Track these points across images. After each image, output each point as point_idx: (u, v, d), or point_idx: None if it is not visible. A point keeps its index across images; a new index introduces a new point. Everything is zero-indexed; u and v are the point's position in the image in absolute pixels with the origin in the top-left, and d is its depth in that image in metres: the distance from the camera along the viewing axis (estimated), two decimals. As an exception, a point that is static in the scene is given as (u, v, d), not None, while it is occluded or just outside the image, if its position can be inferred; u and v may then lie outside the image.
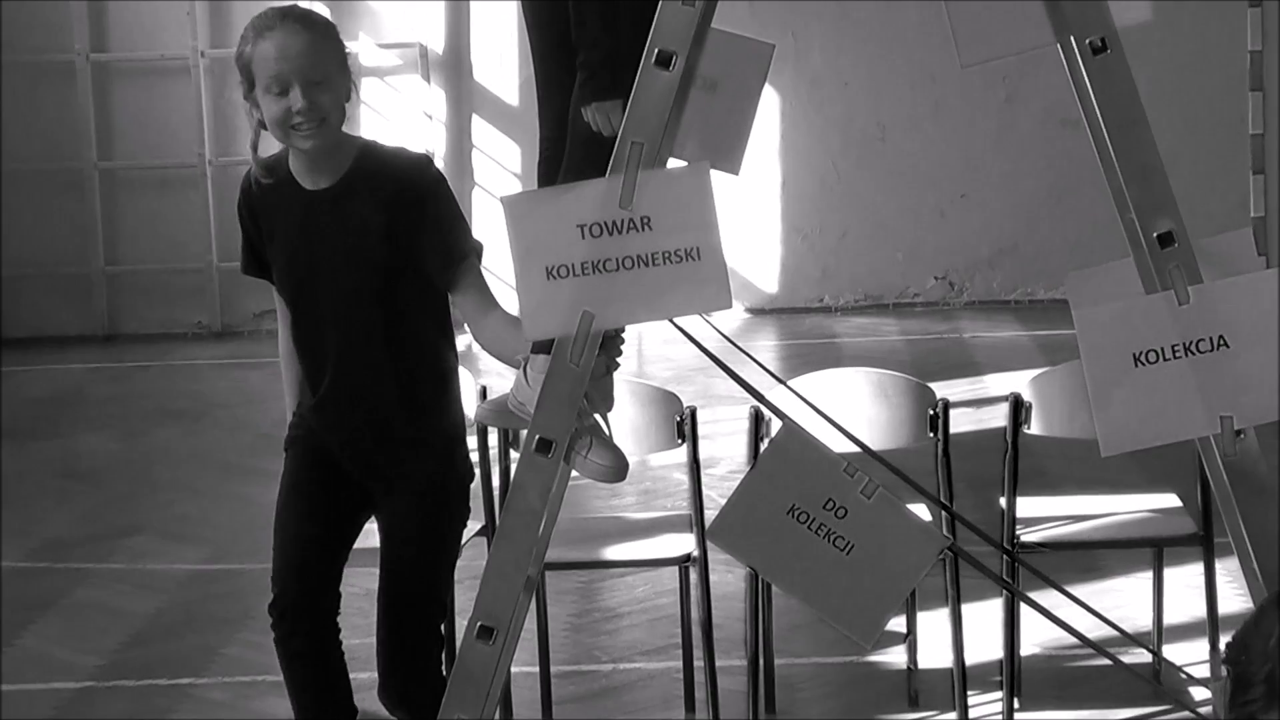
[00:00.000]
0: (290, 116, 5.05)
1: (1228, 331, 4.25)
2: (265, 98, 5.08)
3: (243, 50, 5.13)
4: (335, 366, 5.24)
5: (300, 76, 5.04)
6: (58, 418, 11.77)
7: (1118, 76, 4.27)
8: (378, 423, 5.25)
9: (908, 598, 6.20)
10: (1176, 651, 6.45)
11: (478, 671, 4.34)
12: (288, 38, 5.09)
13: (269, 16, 5.14)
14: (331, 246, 5.16)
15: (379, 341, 5.22)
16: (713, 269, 4.24)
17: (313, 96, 5.04)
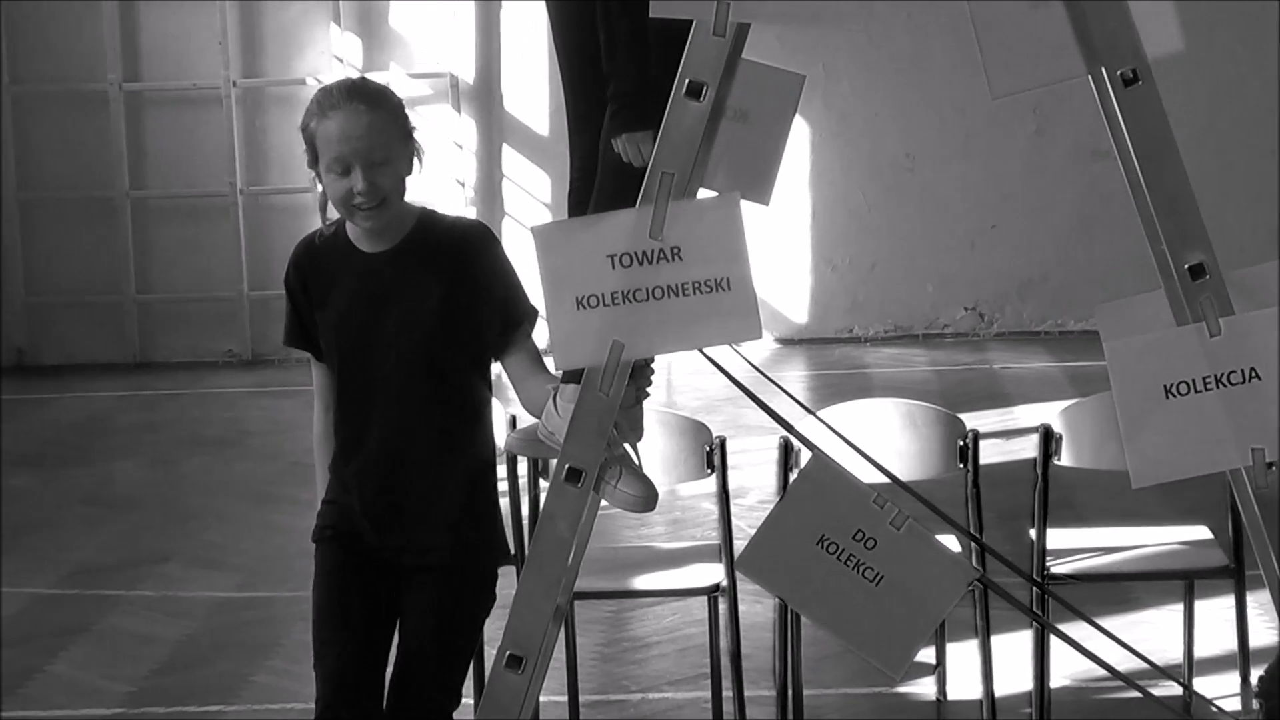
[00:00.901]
0: (352, 197, 4.95)
1: (1259, 363, 4.24)
2: (328, 175, 4.98)
3: (308, 124, 5.02)
4: (379, 431, 5.06)
5: (362, 159, 4.95)
6: (89, 445, 11.80)
7: (1149, 108, 4.26)
8: (418, 494, 5.08)
9: (937, 629, 6.19)
10: (1207, 684, 6.44)
11: (506, 700, 4.33)
12: (350, 119, 4.99)
13: (335, 94, 5.03)
14: (388, 310, 5.03)
15: (429, 407, 5.06)
16: (743, 299, 4.24)
17: (373, 178, 4.96)
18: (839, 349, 13.98)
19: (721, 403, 10.41)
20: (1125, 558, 6.47)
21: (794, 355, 13.75)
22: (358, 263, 5.05)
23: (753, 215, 4.27)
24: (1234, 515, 5.99)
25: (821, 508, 4.27)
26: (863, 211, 14.22)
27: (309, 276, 5.10)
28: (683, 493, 8.77)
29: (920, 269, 14.23)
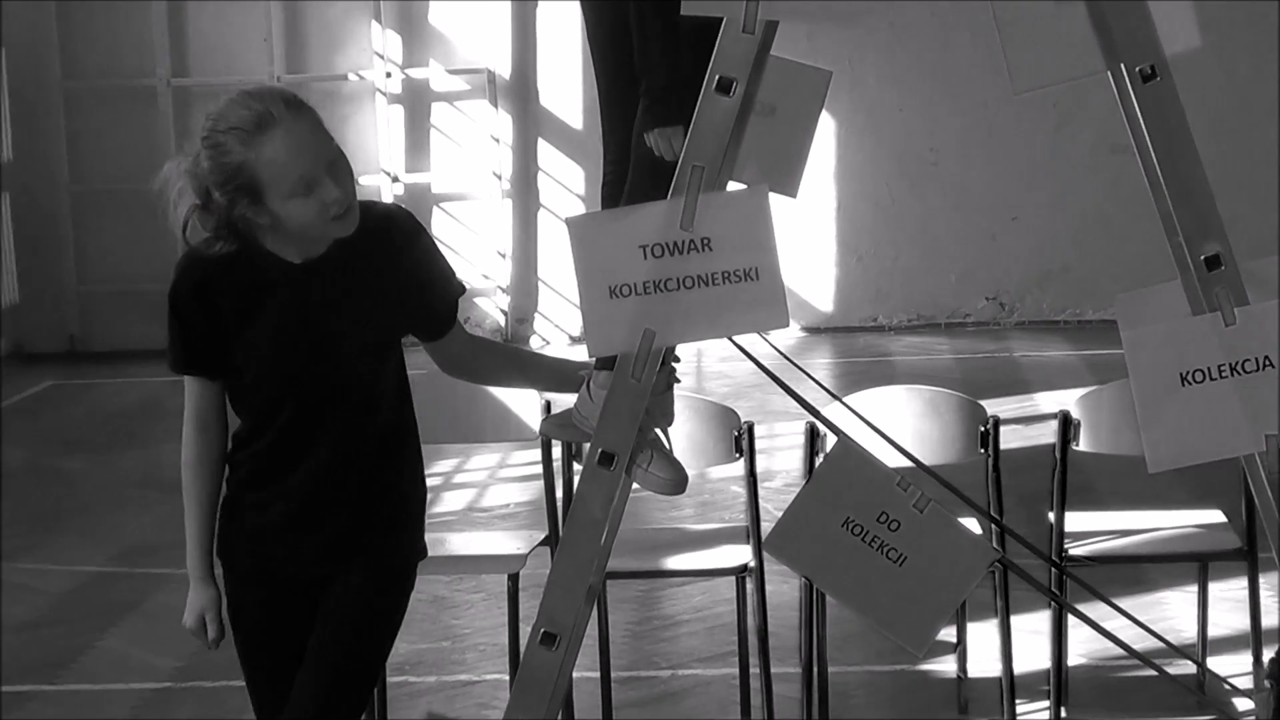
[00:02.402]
0: (327, 210, 4.31)
1: (1273, 352, 4.23)
2: (289, 203, 4.29)
3: (231, 160, 4.29)
4: (331, 438, 4.49)
5: (325, 165, 4.32)
6: (138, 429, 11.82)
7: (1167, 103, 4.25)
8: (368, 494, 4.56)
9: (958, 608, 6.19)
10: (1220, 663, 6.42)
11: (540, 676, 4.33)
12: (293, 132, 4.31)
13: (256, 111, 4.30)
14: (333, 318, 4.46)
15: (380, 403, 4.56)
16: (770, 289, 4.23)
17: (340, 179, 4.34)
18: (864, 337, 13.98)
19: (749, 389, 10.40)
20: (1141, 540, 6.47)
21: (820, 343, 13.74)
22: (288, 274, 4.43)
23: (780, 207, 4.26)
24: (1247, 499, 5.97)
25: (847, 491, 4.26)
26: (887, 204, 14.20)
27: (219, 296, 4.43)
28: (712, 476, 8.77)
29: (943, 260, 14.22)
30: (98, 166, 14.20)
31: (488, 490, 9.75)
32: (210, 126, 4.33)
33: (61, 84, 14.12)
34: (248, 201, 4.30)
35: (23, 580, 8.60)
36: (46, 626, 7.92)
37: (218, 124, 4.32)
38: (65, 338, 14.30)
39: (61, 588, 8.47)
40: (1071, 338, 13.61)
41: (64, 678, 7.29)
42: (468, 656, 7.23)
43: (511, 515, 9.14)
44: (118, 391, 13.00)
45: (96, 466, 10.79)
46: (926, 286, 14.27)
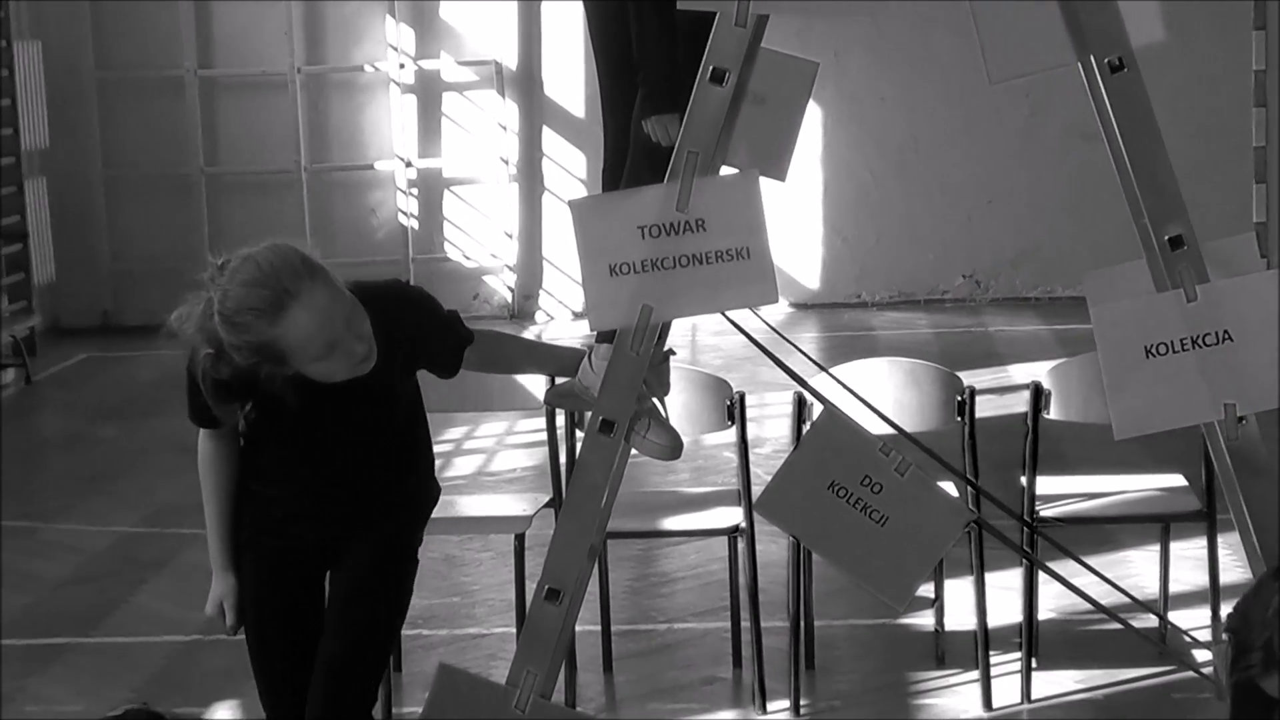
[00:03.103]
0: (351, 361, 4.22)
1: (1232, 326, 4.23)
2: (315, 365, 4.20)
3: (248, 336, 4.15)
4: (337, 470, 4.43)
5: (344, 324, 4.19)
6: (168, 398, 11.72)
7: (1134, 93, 4.25)
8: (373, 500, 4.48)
9: (936, 566, 6.19)
10: (1181, 618, 6.43)
11: (545, 630, 4.34)
12: (311, 301, 4.14)
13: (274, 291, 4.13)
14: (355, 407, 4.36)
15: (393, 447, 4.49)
16: (761, 267, 4.24)
17: (359, 332, 4.21)
18: (848, 313, 13.96)
19: (741, 361, 10.39)
20: (1108, 502, 6.47)
21: (807, 318, 13.73)
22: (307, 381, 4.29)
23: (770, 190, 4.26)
24: (1207, 464, 5.98)
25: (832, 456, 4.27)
26: (870, 188, 14.19)
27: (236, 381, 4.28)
28: (706, 442, 8.77)
29: (922, 240, 14.21)
30: (129, 152, 14.17)
31: (496, 456, 9.75)
32: (227, 309, 4.17)
33: (94, 75, 14.09)
34: (270, 367, 4.19)
35: (60, 540, 8.60)
36: (82, 583, 7.93)
37: (237, 308, 4.16)
38: (99, 313, 14.29)
39: (96, 547, 8.47)
40: (1043, 313, 13.60)
41: (99, 631, 7.29)
42: (477, 611, 7.24)
43: (518, 479, 9.14)
44: (148, 364, 12.97)
45: (129, 434, 10.79)
46: (907, 265, 14.26)
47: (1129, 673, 6.36)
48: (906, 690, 6.42)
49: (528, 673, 4.28)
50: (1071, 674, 6.38)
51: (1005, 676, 6.30)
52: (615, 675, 6.58)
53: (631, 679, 6.58)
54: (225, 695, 6.33)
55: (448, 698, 4.28)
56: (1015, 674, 6.28)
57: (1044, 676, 6.33)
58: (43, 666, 6.90)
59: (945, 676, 6.49)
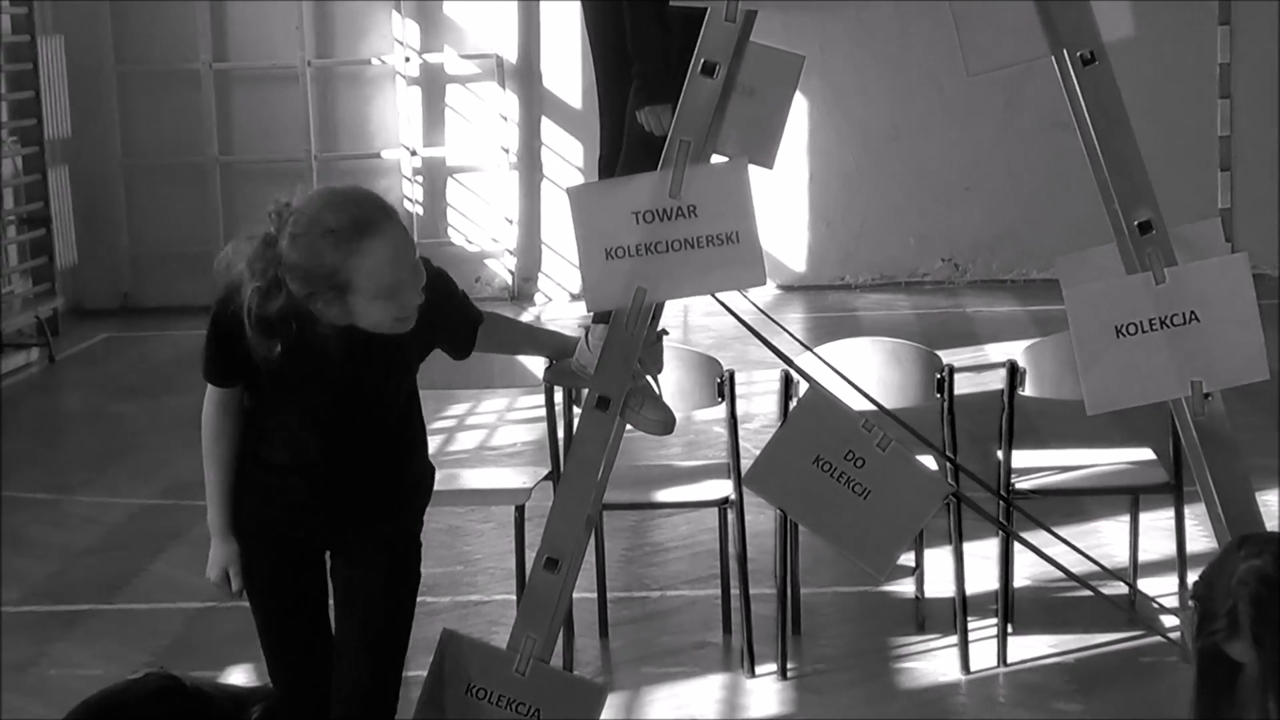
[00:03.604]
0: (405, 311, 4.08)
1: (1198, 307, 4.23)
2: (372, 303, 4.03)
3: (320, 260, 4.00)
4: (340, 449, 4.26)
5: (414, 274, 4.08)
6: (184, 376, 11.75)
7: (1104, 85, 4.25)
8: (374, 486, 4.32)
9: (916, 536, 6.19)
10: (1150, 585, 6.43)
11: (544, 597, 4.34)
12: (392, 237, 4.03)
13: (355, 217, 4.02)
14: (369, 371, 4.21)
15: (400, 418, 4.34)
16: (749, 251, 4.23)
17: (420, 286, 4.11)
18: (832, 295, 13.96)
19: (731, 340, 10.38)
20: (1080, 475, 6.47)
21: (793, 300, 13.72)
22: (334, 331, 4.15)
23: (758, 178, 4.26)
24: (1174, 438, 5.98)
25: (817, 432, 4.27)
26: (853, 175, 14.18)
27: (279, 321, 4.10)
28: (697, 419, 8.77)
29: (903, 225, 14.20)
30: (147, 142, 14.16)
31: (497, 431, 9.75)
32: (301, 228, 4.02)
33: (114, 68, 14.07)
34: (326, 298, 4.03)
35: (82, 512, 8.61)
36: (103, 553, 7.93)
37: (311, 226, 4.01)
38: (119, 295, 14.27)
39: (116, 518, 8.47)
40: (1018, 295, 13.60)
41: (119, 598, 7.29)
42: (479, 579, 7.24)
43: (518, 453, 9.14)
44: (166, 343, 12.98)
45: (147, 411, 10.78)
46: (888, 249, 14.25)
47: (1100, 638, 6.37)
48: (888, 654, 6.42)
49: (527, 638, 4.29)
50: (1045, 639, 6.39)
51: (982, 641, 6.30)
52: (611, 640, 6.58)
53: (626, 644, 6.58)
54: (239, 659, 6.33)
55: (452, 661, 4.28)
56: (992, 639, 6.28)
57: (1019, 641, 6.34)
58: (65, 632, 6.91)
59: (925, 641, 6.49)
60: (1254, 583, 3.94)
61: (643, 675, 6.28)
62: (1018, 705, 5.97)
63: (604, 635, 6.58)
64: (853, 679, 6.23)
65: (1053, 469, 6.47)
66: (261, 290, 4.03)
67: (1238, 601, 3.95)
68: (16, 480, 9.11)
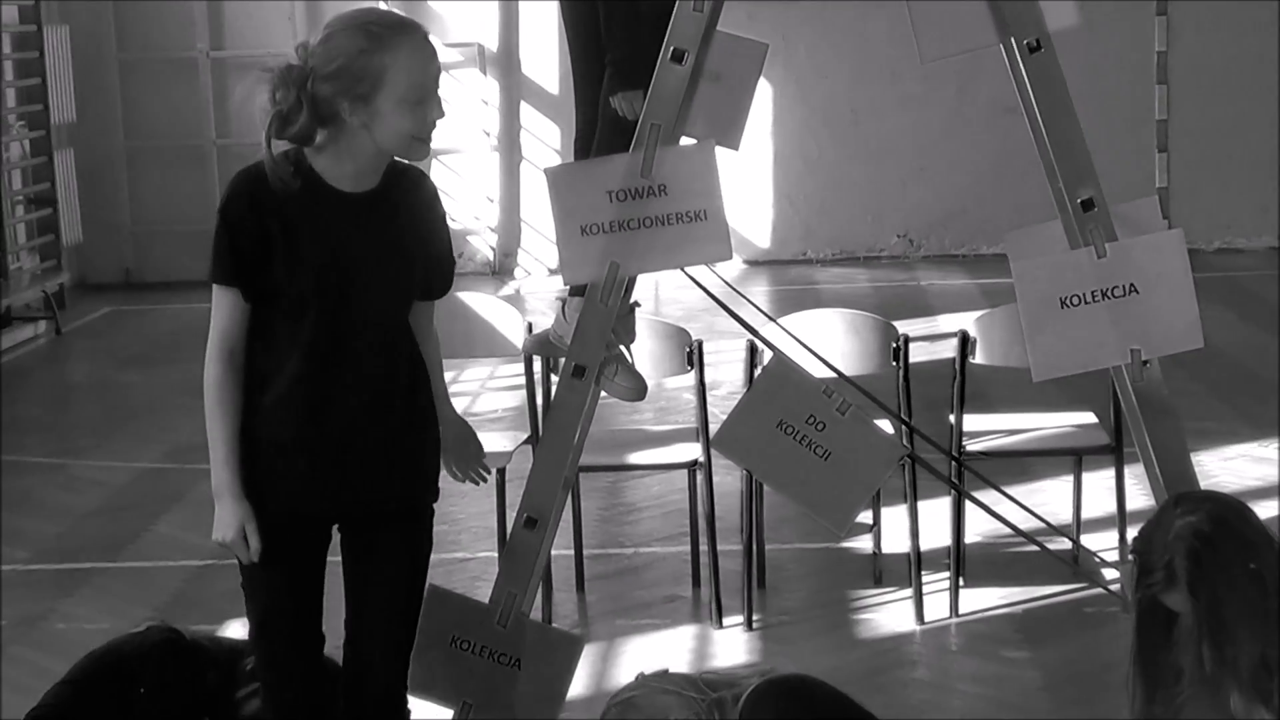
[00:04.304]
0: (426, 128, 3.97)
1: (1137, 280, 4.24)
2: (399, 107, 3.88)
3: (361, 58, 3.86)
4: (363, 371, 3.98)
5: (437, 91, 3.98)
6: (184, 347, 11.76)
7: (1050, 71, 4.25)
8: (397, 434, 4.07)
9: (874, 495, 6.20)
10: (1092, 541, 6.45)
11: (524, 554, 4.34)
12: (424, 47, 3.93)
13: (395, 17, 3.96)
14: (374, 253, 3.96)
15: (403, 344, 4.08)
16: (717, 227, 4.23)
17: (440, 109, 4.02)
18: (795, 269, 13.96)
19: (699, 312, 10.38)
20: (1026, 438, 6.49)
21: (758, 274, 13.72)
22: (339, 202, 3.95)
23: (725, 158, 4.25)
24: (1115, 403, 5.99)
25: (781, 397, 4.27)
26: (815, 156, 14.18)
27: (268, 209, 3.92)
28: (667, 386, 8.77)
29: (861, 203, 14.21)
30: (148, 126, 14.11)
31: (479, 398, 9.74)
32: (338, 27, 3.93)
33: (117, 56, 14.02)
34: (353, 98, 3.86)
35: (88, 475, 8.59)
36: (109, 514, 7.91)
37: (348, 24, 3.91)
38: (122, 271, 14.23)
39: (120, 481, 8.46)
40: (969, 269, 13.62)
41: (124, 556, 7.28)
42: (462, 537, 7.23)
43: (499, 419, 9.14)
44: (166, 316, 12.96)
45: (149, 379, 10.76)
46: (847, 226, 14.26)
47: (1046, 590, 6.39)
48: (847, 606, 6.44)
49: (508, 593, 4.29)
50: (995, 591, 6.41)
51: (936, 594, 6.32)
52: (587, 594, 6.59)
53: (601, 598, 6.59)
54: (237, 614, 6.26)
55: (437, 615, 4.28)
56: (944, 591, 6.30)
57: (970, 594, 6.36)
58: (72, 589, 6.90)
59: (882, 594, 6.50)
60: (1189, 538, 3.95)
61: (617, 627, 6.29)
62: (969, 653, 5.99)
63: (581, 590, 6.59)
64: (814, 629, 6.24)
65: (1001, 432, 6.48)
66: (282, 114, 3.90)
67: (1174, 555, 3.96)
68: (26, 445, 9.08)
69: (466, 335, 6.36)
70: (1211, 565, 3.93)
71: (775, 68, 13.50)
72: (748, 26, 4.56)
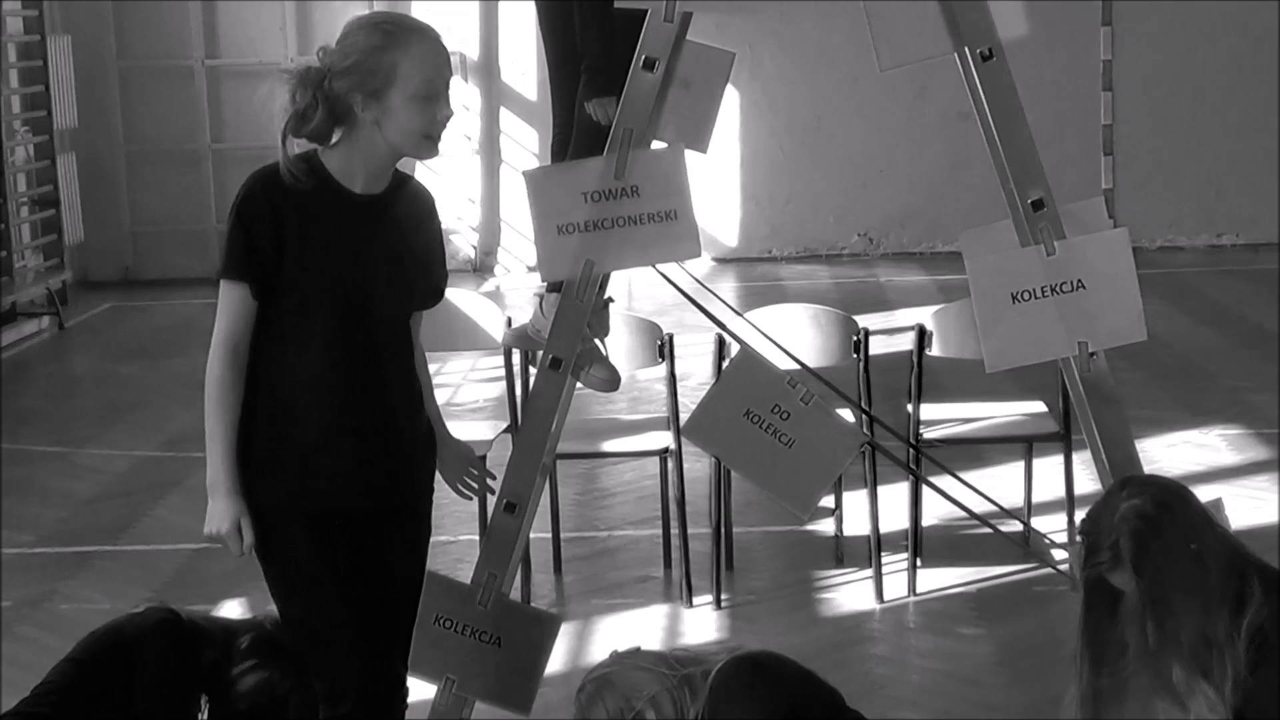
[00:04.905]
0: (436, 126, 3.89)
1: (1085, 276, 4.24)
2: (410, 103, 3.83)
3: (375, 54, 3.82)
4: (376, 369, 3.95)
5: (447, 91, 3.91)
6: (181, 341, 11.74)
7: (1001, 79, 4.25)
8: (406, 429, 4.07)
9: (835, 481, 6.20)
10: (1042, 523, 6.46)
11: (504, 538, 4.33)
12: (438, 47, 3.88)
13: (403, 21, 3.90)
14: (382, 254, 3.93)
15: (405, 346, 4.06)
16: (686, 227, 4.22)
17: (450, 108, 3.95)
18: (761, 266, 13.96)
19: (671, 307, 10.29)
20: (980, 426, 6.50)
21: (726, 271, 13.72)
22: (352, 203, 3.91)
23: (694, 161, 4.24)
24: (1064, 393, 6.01)
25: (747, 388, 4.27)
26: (779, 159, 14.17)
27: (283, 208, 3.88)
28: (640, 377, 8.77)
29: (824, 204, 14.21)
30: (146, 130, 14.06)
31: (461, 389, 9.73)
32: (354, 27, 3.89)
33: (116, 64, 13.97)
34: (367, 94, 3.82)
35: (90, 463, 8.56)
36: (109, 499, 7.89)
37: (364, 23, 3.88)
38: (121, 268, 14.18)
39: (120, 469, 8.43)
40: (926, 266, 13.63)
41: (124, 540, 7.26)
42: (445, 521, 7.19)
43: (480, 409, 9.13)
44: (164, 312, 12.92)
45: (147, 372, 10.73)
46: (811, 225, 14.26)
47: (998, 570, 6.40)
48: (811, 586, 6.44)
49: (489, 574, 4.28)
50: (950, 571, 6.42)
51: (895, 574, 6.33)
52: (564, 575, 6.59)
53: (578, 578, 6.58)
54: (231, 594, 6.32)
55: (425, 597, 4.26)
56: (903, 571, 6.31)
57: (927, 573, 6.37)
58: (75, 571, 6.87)
59: (844, 574, 6.51)
60: (1134, 519, 3.96)
61: (592, 606, 6.28)
62: (925, 630, 6.00)
63: (558, 571, 6.58)
64: (780, 608, 6.25)
65: (956, 420, 6.49)
66: (299, 113, 3.87)
67: (1120, 536, 3.97)
68: (30, 435, 9.05)
69: (449, 329, 6.34)
70: (1154, 545, 3.94)
71: (742, 75, 13.50)
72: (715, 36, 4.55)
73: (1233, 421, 8.41)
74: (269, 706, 4.50)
